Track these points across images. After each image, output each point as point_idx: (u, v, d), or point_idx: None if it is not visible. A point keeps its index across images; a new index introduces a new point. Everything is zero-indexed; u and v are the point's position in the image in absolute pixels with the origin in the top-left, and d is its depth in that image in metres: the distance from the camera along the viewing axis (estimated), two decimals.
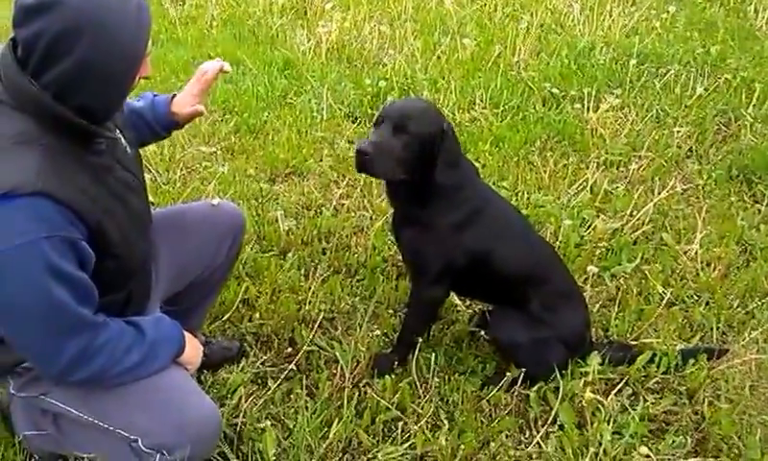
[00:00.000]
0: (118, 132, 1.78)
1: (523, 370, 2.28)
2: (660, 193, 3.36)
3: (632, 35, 5.21)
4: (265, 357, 2.49)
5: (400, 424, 2.21)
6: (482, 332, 2.52)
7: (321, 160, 3.71)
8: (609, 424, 2.15)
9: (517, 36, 4.99)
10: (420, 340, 2.38)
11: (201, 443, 1.77)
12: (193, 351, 1.87)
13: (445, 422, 2.22)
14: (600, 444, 2.09)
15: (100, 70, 1.47)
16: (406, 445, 2.14)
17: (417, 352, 2.36)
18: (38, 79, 1.46)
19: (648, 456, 2.04)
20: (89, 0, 1.43)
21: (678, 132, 3.94)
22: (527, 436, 2.21)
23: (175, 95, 2.09)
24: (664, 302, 2.74)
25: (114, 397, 1.72)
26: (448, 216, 2.23)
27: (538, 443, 2.15)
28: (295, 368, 2.43)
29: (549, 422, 2.20)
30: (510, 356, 2.38)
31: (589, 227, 3.15)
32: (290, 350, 2.47)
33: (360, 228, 3.16)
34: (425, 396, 2.31)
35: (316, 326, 2.57)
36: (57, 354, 1.55)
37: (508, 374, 2.29)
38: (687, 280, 2.90)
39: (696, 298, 2.81)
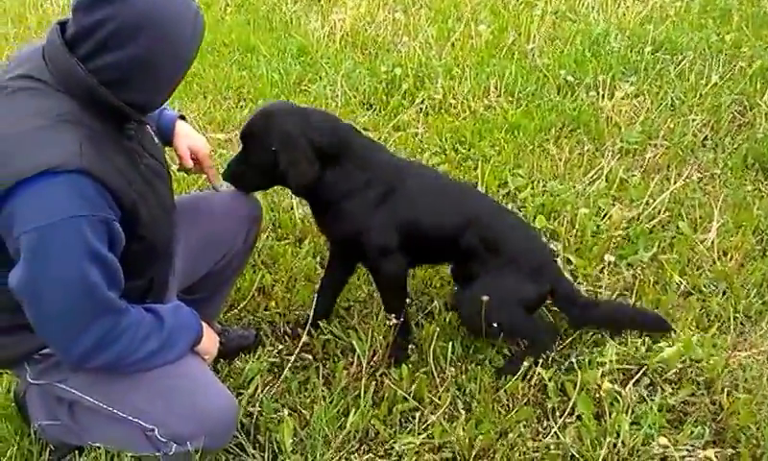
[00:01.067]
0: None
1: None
2: (675, 182, 3.33)
3: (646, 22, 5.15)
4: (281, 346, 2.50)
5: (417, 414, 2.22)
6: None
7: None
8: (627, 415, 2.16)
9: (532, 23, 4.95)
10: (438, 329, 2.38)
11: (217, 433, 1.80)
12: (210, 340, 1.89)
13: (463, 412, 2.23)
14: (618, 434, 2.09)
15: (152, 68, 1.53)
16: (423, 435, 2.15)
17: (433, 342, 2.36)
18: (87, 63, 1.50)
19: (666, 447, 2.04)
20: (154, 0, 1.48)
21: (693, 120, 3.90)
22: (545, 426, 2.21)
23: (182, 116, 2.15)
24: (681, 291, 2.73)
25: (132, 386, 1.73)
26: (358, 198, 2.25)
27: (555, 433, 2.15)
28: (311, 357, 2.44)
29: (567, 412, 2.20)
30: (487, 335, 2.36)
31: (605, 215, 3.13)
32: (306, 338, 2.48)
33: None
34: (442, 385, 2.31)
35: (332, 314, 2.58)
36: (78, 338, 1.55)
37: (525, 363, 2.28)
38: (704, 270, 2.88)
39: (713, 287, 2.80)
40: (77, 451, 1.99)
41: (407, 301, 2.45)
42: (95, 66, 1.50)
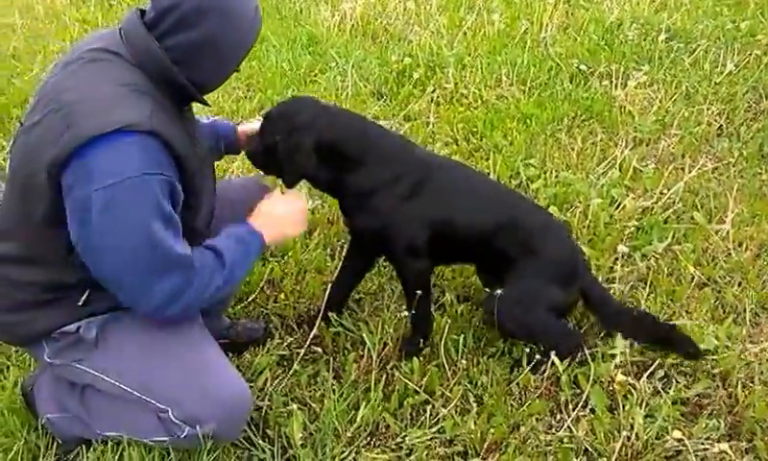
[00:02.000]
0: None
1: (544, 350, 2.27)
2: (690, 171, 3.29)
3: (660, 10, 5.09)
4: (291, 339, 2.48)
5: (428, 407, 2.20)
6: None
7: None
8: (641, 408, 2.12)
9: (544, 12, 4.89)
10: (450, 322, 2.36)
11: (230, 420, 1.81)
12: (279, 230, 1.96)
13: (474, 405, 2.21)
14: (632, 427, 2.06)
15: (215, 50, 1.69)
16: (435, 428, 2.13)
17: (444, 335, 2.34)
18: (162, 42, 1.66)
19: (681, 440, 2.01)
20: None
21: (708, 109, 3.85)
22: (558, 420, 2.19)
23: (240, 123, 2.33)
24: (696, 282, 2.70)
25: (149, 366, 1.77)
26: (386, 193, 2.23)
27: (568, 427, 2.12)
28: (321, 350, 2.42)
29: (580, 405, 2.18)
30: (515, 336, 2.36)
31: (619, 205, 3.10)
32: (316, 331, 2.46)
33: None
34: (454, 379, 2.29)
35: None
36: (152, 291, 1.63)
37: (537, 355, 2.26)
38: (719, 261, 2.84)
39: (728, 279, 2.76)
40: (84, 446, 1.98)
41: (431, 297, 2.43)
42: (167, 45, 1.66)
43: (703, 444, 2.06)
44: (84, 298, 1.74)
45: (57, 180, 1.56)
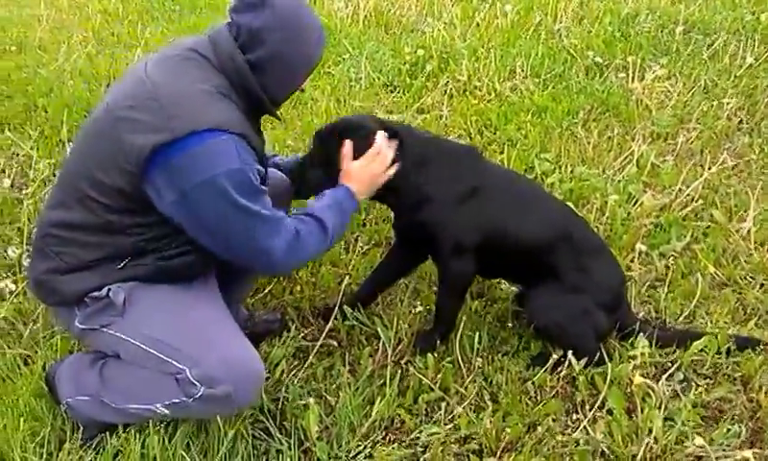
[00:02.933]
0: None
1: (569, 352, 2.23)
2: (709, 168, 3.25)
3: (677, 1, 5.03)
4: (306, 331, 2.47)
5: (443, 404, 2.18)
6: (523, 313, 2.48)
7: None
8: (660, 411, 2.08)
9: (559, 2, 4.85)
10: (464, 318, 2.33)
11: (245, 385, 1.86)
12: (365, 185, 2.13)
13: (489, 403, 2.18)
14: (651, 431, 2.03)
15: (284, 63, 1.87)
16: (449, 426, 2.11)
17: (459, 331, 2.32)
18: (244, 54, 1.84)
19: (702, 446, 1.97)
20: (291, 8, 1.85)
21: (727, 103, 3.80)
22: (574, 420, 2.16)
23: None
24: (715, 283, 2.66)
25: (171, 328, 1.85)
26: (442, 188, 2.25)
27: (585, 428, 2.09)
28: (336, 343, 2.41)
29: (597, 406, 2.14)
30: (551, 338, 2.35)
31: (636, 202, 3.06)
32: (331, 324, 2.45)
33: None
34: (469, 376, 2.26)
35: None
36: (270, 251, 1.84)
37: (554, 355, 2.23)
38: (740, 261, 2.80)
39: (750, 279, 2.72)
40: (107, 432, 2.00)
41: (461, 305, 2.42)
42: (248, 58, 1.83)
43: (724, 451, 2.01)
44: (123, 263, 1.87)
45: (146, 165, 1.71)
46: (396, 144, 2.19)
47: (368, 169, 2.13)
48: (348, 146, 2.13)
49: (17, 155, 3.47)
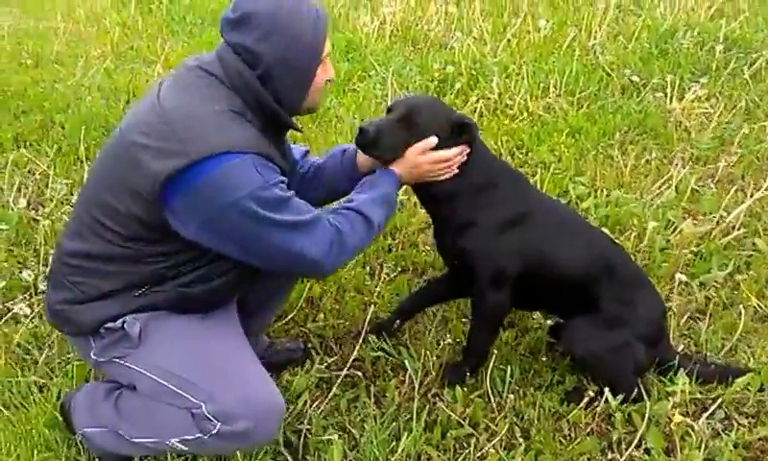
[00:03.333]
0: None
1: (605, 387, 2.14)
2: (752, 194, 3.13)
3: (717, 17, 4.91)
4: (330, 360, 2.40)
5: (473, 440, 2.10)
6: (557, 345, 2.41)
7: None
8: (700, 451, 2.00)
9: (593, 18, 4.77)
10: (495, 350, 2.25)
11: (265, 421, 1.82)
12: (410, 174, 2.07)
13: (521, 440, 2.10)
14: None
15: (288, 62, 1.80)
16: None
17: (490, 364, 2.24)
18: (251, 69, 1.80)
19: None
20: (278, 10, 1.76)
21: None
22: (609, 459, 2.07)
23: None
24: (759, 315, 2.57)
25: (187, 362, 1.82)
26: (489, 213, 2.17)
27: None
28: (361, 374, 2.34)
29: (634, 445, 2.05)
30: (588, 369, 2.28)
31: (675, 229, 2.95)
32: (356, 353, 2.38)
33: (428, 224, 3.03)
34: (499, 411, 2.19)
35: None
36: (312, 255, 1.79)
37: (590, 392, 2.14)
38: None
39: None
40: None
41: (495, 338, 2.35)
42: (254, 74, 1.79)
43: None
44: (141, 291, 1.84)
45: (163, 192, 1.67)
46: (466, 156, 2.12)
47: (425, 167, 2.07)
48: (432, 141, 2.05)
49: (33, 173, 3.44)
